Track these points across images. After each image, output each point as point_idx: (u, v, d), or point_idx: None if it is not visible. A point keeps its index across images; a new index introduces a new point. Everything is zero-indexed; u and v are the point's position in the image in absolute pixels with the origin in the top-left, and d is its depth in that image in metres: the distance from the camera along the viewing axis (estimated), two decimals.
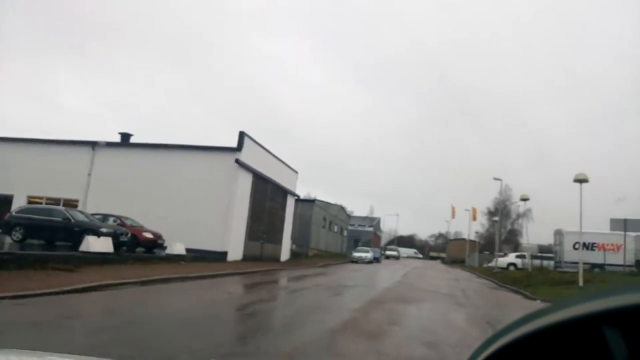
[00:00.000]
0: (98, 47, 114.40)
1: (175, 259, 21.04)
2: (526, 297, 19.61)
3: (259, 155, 29.03)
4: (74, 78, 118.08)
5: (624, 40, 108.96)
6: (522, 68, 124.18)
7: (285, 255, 35.51)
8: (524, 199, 28.92)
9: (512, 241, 67.23)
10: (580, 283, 19.69)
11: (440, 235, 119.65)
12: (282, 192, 34.01)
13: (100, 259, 15.95)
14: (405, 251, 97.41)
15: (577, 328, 0.71)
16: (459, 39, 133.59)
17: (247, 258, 27.60)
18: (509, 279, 26.86)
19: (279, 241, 34.05)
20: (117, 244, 18.70)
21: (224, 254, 25.56)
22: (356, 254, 45.35)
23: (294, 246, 41.02)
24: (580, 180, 20.06)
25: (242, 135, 26.86)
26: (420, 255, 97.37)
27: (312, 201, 44.92)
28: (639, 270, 26.07)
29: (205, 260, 23.14)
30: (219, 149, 26.69)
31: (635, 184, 69.80)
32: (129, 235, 20.52)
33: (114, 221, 22.55)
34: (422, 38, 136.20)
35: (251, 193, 28.33)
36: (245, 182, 27.50)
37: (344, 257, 49.51)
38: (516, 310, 14.43)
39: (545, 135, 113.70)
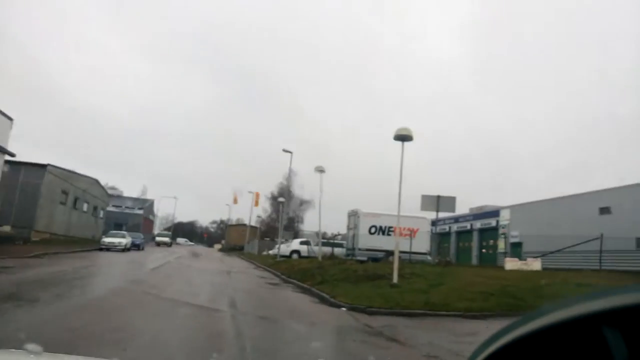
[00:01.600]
0: None
1: None
2: (323, 300, 13.24)
3: None
4: None
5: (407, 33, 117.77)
6: (313, 58, 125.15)
7: None
8: (320, 170, 23.28)
9: (292, 228, 64.88)
10: (395, 279, 14.14)
11: (222, 222, 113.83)
12: None
13: None
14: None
15: (577, 328, 0.71)
16: (255, 24, 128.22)
17: None
18: (296, 270, 20.68)
19: None
20: None
21: None
22: (107, 240, 34.81)
23: (7, 228, 28.86)
24: (403, 137, 14.54)
25: None
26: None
27: (42, 166, 32.53)
28: (439, 260, 22.59)
29: None
30: None
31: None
32: None
33: None
34: (214, 18, 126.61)
35: None
36: None
37: (94, 243, 38.19)
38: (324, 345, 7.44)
39: (331, 128, 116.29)
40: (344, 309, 11.70)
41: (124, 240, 35.27)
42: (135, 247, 38.64)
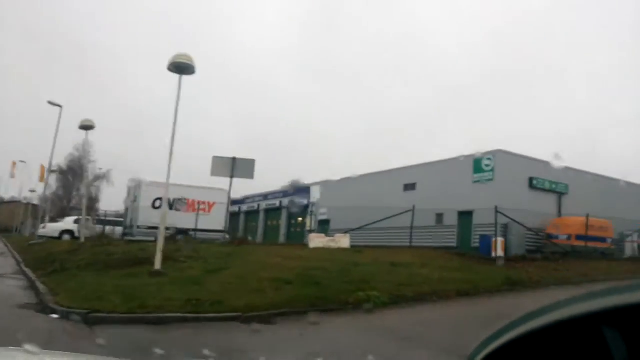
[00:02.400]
0: None
1: None
2: (40, 305, 8.48)
3: None
4: None
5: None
6: (135, 24, 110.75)
7: None
8: (86, 127, 17.66)
9: (91, 208, 55.97)
10: (158, 265, 9.93)
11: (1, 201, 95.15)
12: None
13: None
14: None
15: (577, 327, 0.70)
16: None
17: None
18: (39, 257, 15.21)
19: None
20: None
21: None
22: None
23: None
24: (180, 66, 10.38)
25: None
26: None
27: None
28: (233, 238, 18.95)
29: None
30: None
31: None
32: None
33: None
34: None
35: None
36: None
37: None
38: None
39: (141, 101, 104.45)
40: (55, 316, 7.23)
41: None
42: None
